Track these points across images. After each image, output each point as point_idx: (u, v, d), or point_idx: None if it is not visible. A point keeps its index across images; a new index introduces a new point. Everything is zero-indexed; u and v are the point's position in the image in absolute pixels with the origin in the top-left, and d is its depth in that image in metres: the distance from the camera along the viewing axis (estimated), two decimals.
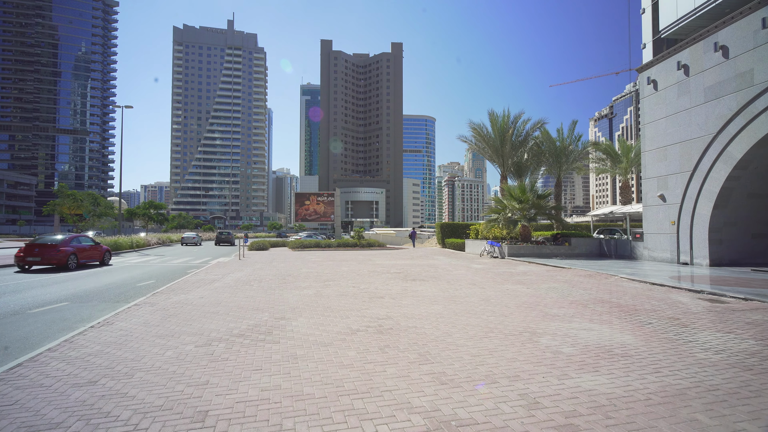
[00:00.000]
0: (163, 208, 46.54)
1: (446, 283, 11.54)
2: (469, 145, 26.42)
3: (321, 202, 38.58)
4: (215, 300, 8.72)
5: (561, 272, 14.07)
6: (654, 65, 17.45)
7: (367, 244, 33.38)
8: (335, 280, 12.22)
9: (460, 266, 16.61)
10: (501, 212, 22.63)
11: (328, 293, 9.62)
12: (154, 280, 13.02)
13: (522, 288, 10.39)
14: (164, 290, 10.19)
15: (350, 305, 8.06)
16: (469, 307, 7.81)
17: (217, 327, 6.30)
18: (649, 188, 17.92)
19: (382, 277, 12.97)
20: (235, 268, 15.85)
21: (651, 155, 17.77)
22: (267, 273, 14.16)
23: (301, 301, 8.51)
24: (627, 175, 29.42)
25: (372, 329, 6.11)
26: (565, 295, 9.30)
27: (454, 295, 9.39)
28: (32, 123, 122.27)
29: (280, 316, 7.08)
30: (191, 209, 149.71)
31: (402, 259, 20.83)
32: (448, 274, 13.62)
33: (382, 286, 10.90)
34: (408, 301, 8.49)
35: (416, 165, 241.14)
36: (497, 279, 12.31)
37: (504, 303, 8.27)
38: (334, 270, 15.12)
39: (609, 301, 8.51)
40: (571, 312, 7.34)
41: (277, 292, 9.75)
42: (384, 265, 17.33)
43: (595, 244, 21.99)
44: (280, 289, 10.34)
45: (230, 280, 12.25)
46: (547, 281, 11.72)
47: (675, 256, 16.35)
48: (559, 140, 26.62)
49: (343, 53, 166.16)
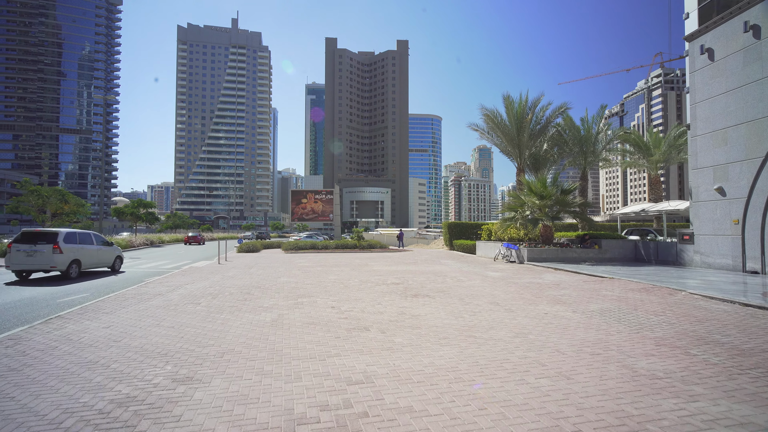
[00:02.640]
0: (153, 206, 44.06)
1: (458, 300, 8.67)
2: (480, 134, 23.48)
3: (319, 200, 35.85)
4: (120, 333, 5.94)
5: (602, 284, 11.11)
6: (709, 30, 14.40)
7: (367, 246, 30.58)
8: (314, 295, 9.40)
9: (473, 274, 13.70)
10: (518, 210, 19.68)
11: (292, 320, 6.80)
12: (89, 293, 10.31)
13: (565, 311, 7.48)
14: (72, 313, 7.44)
15: (313, 348, 5.22)
16: (499, 353, 4.94)
17: (42, 409, 3.51)
18: (702, 180, 14.86)
19: (375, 290, 10.13)
20: (200, 277, 13.12)
21: (705, 140, 14.71)
22: (234, 283, 11.39)
23: (244, 337, 5.70)
24: (657, 169, 26.26)
25: (329, 419, 3.28)
26: (635, 326, 6.38)
27: (472, 323, 6.52)
28: (36, 122, 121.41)
29: (188, 373, 4.27)
30: (195, 209, 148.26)
31: (404, 263, 17.97)
32: (460, 286, 10.75)
33: (371, 306, 8.05)
34: (404, 338, 5.64)
35: (422, 164, 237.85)
36: (525, 294, 9.40)
37: (552, 344, 5.38)
38: (318, 279, 12.32)
39: (710, 338, 5.59)
40: (674, 366, 4.44)
41: (221, 318, 6.95)
42: (381, 272, 14.49)
43: (629, 247, 18.94)
44: (232, 311, 7.55)
45: (178, 294, 9.49)
46: (593, 299, 8.79)
47: (739, 263, 13.30)
48: (584, 128, 23.51)
49: (348, 51, 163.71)
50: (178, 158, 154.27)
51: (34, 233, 13.37)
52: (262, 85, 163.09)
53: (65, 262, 13.15)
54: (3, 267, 14.81)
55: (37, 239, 13.07)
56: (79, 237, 14.33)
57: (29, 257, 12.72)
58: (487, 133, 23.48)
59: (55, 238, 13.24)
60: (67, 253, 13.31)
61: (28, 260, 12.72)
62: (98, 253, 15.08)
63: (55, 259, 12.83)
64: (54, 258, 12.81)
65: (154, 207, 45.05)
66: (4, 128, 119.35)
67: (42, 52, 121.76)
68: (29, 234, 13.26)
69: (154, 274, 15.02)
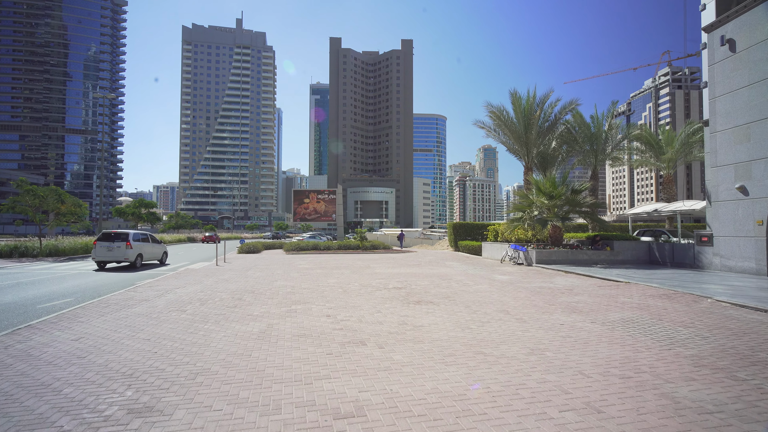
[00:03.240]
0: (154, 206, 43.70)
1: (465, 308, 8.01)
2: (486, 132, 22.71)
3: (321, 200, 35.24)
4: (89, 347, 5.34)
5: (619, 289, 10.39)
6: (731, 20, 13.61)
7: (370, 247, 29.95)
8: (309, 301, 8.78)
9: (479, 277, 13.02)
10: (526, 210, 18.95)
11: (281, 331, 6.17)
12: (72, 298, 9.74)
13: (583, 321, 6.79)
14: (44, 323, 6.86)
15: (300, 368, 4.59)
16: (513, 375, 4.27)
17: None
18: (722, 179, 14.08)
19: (375, 296, 9.48)
20: (193, 280, 12.54)
21: (725, 136, 13.92)
22: (227, 287, 10.79)
23: (224, 352, 5.08)
24: (670, 167, 25.39)
25: None
26: (665, 340, 5.69)
27: (481, 336, 5.86)
28: (42, 123, 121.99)
29: (149, 401, 3.64)
30: (200, 209, 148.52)
31: (407, 266, 17.31)
32: (466, 291, 10.08)
33: (370, 314, 7.41)
34: (404, 355, 4.99)
35: (427, 164, 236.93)
36: (536, 301, 8.71)
37: (573, 363, 4.70)
38: (316, 283, 11.69)
39: (756, 357, 4.89)
40: (723, 396, 3.75)
41: (205, 329, 6.34)
42: (383, 275, 13.84)
43: (642, 249, 18.16)
44: (218, 320, 6.93)
45: (166, 300, 8.90)
46: (611, 306, 8.10)
47: (764, 266, 12.51)
48: (595, 125, 22.66)
49: (353, 51, 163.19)
50: (182, 158, 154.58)
51: (111, 233, 17.15)
52: (267, 85, 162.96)
53: (134, 256, 16.88)
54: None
55: (113, 238, 16.80)
56: (141, 236, 18.16)
57: (109, 251, 16.45)
58: (494, 130, 22.73)
59: (127, 237, 17.00)
60: (135, 248, 17.04)
61: (108, 254, 16.44)
62: (153, 249, 18.83)
63: (127, 253, 16.58)
64: (127, 252, 16.58)
65: (156, 207, 44.69)
66: (11, 129, 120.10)
67: (48, 52, 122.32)
68: (108, 234, 17.07)
69: (147, 276, 14.46)
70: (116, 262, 16.73)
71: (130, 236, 17.08)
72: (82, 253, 22.89)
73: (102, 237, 16.83)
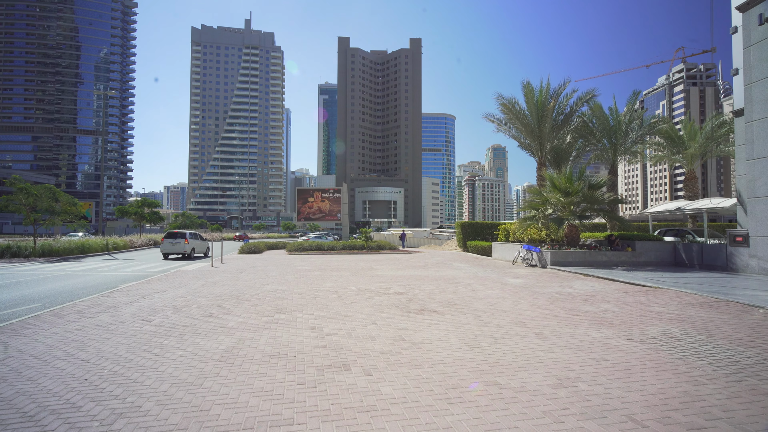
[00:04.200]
0: (158, 206, 43.18)
1: (473, 318, 6.89)
2: (497, 126, 21.47)
3: (326, 199, 34.26)
4: (8, 371, 4.35)
5: (649, 296, 9.16)
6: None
7: (376, 247, 28.88)
8: (296, 309, 7.74)
9: (490, 281, 11.86)
10: (540, 208, 17.72)
11: (252, 350, 5.12)
12: (39, 304, 8.83)
13: (617, 338, 5.63)
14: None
15: (258, 405, 3.52)
16: (539, 424, 3.16)
17: None
18: (760, 172, 12.72)
19: (373, 303, 8.41)
20: (179, 283, 11.59)
21: (764, 125, 12.57)
22: (212, 292, 9.81)
23: (168, 381, 4.04)
24: (693, 163, 23.87)
25: None
26: (729, 366, 4.51)
27: (494, 359, 4.74)
28: (54, 124, 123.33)
29: None
30: (209, 209, 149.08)
31: (412, 267, 16.21)
32: (475, 297, 8.95)
33: (363, 326, 6.33)
34: (396, 386, 3.90)
35: (435, 164, 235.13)
36: (556, 310, 7.56)
37: (618, 402, 3.56)
38: (310, 287, 10.66)
39: None
40: None
41: (163, 345, 5.32)
42: (386, 278, 12.76)
43: (667, 250, 16.80)
44: (182, 335, 5.91)
45: (136, 308, 7.94)
46: (646, 318, 6.91)
47: None
48: (613, 117, 21.24)
49: (361, 50, 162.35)
50: (192, 158, 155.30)
51: (175, 233, 22.80)
52: (275, 85, 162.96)
53: (189, 249, 22.46)
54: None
55: (175, 236, 22.53)
56: (193, 235, 23.72)
57: (172, 246, 22.21)
58: (504, 124, 21.46)
59: (185, 235, 22.57)
60: (190, 244, 22.73)
61: (171, 248, 22.23)
62: (201, 244, 24.53)
63: (185, 247, 22.25)
64: (184, 246, 22.25)
65: (159, 206, 44.16)
66: (23, 130, 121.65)
67: (60, 54, 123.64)
68: (172, 233, 22.77)
69: (135, 278, 13.59)
70: (176, 253, 22.19)
71: (186, 235, 22.65)
72: (78, 253, 22.19)
73: (167, 235, 22.56)
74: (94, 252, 23.69)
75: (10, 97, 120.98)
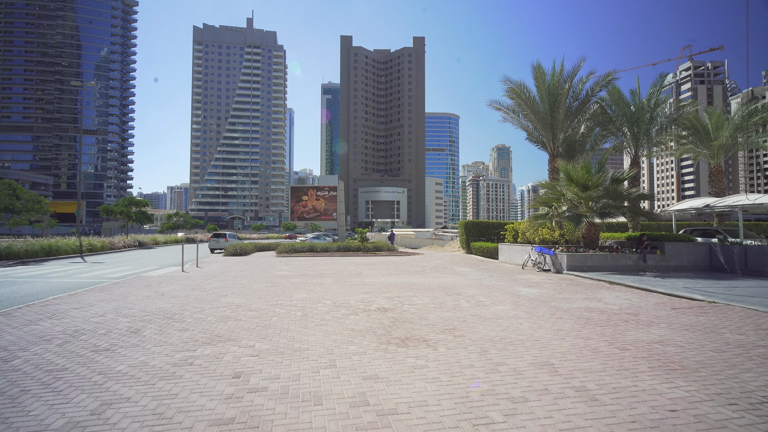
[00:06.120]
0: (146, 205, 41.37)
1: (478, 356, 4.79)
2: (503, 114, 19.31)
3: (321, 198, 32.36)
4: None
5: (709, 315, 7.02)
6: None
7: (373, 248, 26.80)
8: (235, 338, 5.66)
9: (498, 291, 9.74)
10: (553, 204, 15.55)
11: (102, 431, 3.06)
12: None
13: (713, 403, 3.51)
14: None
15: None
16: None
17: None
18: None
19: (344, 325, 6.32)
20: (120, 294, 9.56)
21: None
22: (147, 308, 7.78)
23: None
24: (719, 156, 21.62)
25: None
26: None
27: None
28: (53, 124, 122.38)
29: None
30: (211, 209, 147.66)
31: (408, 273, 14.10)
32: (481, 316, 6.84)
33: (312, 373, 4.24)
34: None
35: (439, 164, 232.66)
36: (594, 339, 5.44)
37: None
38: (275, 300, 8.60)
39: None
40: None
41: None
42: (374, 286, 10.68)
43: (701, 253, 14.61)
44: (28, 390, 3.88)
45: (19, 335, 5.91)
46: (725, 354, 4.78)
47: None
48: (635, 104, 18.99)
49: (364, 49, 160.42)
50: (193, 159, 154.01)
51: (220, 233, 30.75)
52: (277, 84, 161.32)
53: (228, 245, 27.56)
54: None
55: (220, 236, 30.30)
56: (232, 235, 31.20)
57: (217, 243, 29.68)
58: (512, 112, 19.29)
59: (225, 235, 30.46)
60: (230, 241, 29.81)
61: (217, 244, 29.64)
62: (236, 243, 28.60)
63: (226, 244, 29.17)
64: (225, 244, 29.39)
65: (148, 205, 42.35)
66: (23, 130, 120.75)
67: (60, 53, 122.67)
68: (218, 233, 30.69)
69: (80, 286, 11.58)
70: (219, 249, 29.09)
71: (227, 235, 30.60)
72: (43, 255, 20.26)
73: (214, 235, 30.76)
74: (63, 254, 21.70)
75: (10, 97, 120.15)
